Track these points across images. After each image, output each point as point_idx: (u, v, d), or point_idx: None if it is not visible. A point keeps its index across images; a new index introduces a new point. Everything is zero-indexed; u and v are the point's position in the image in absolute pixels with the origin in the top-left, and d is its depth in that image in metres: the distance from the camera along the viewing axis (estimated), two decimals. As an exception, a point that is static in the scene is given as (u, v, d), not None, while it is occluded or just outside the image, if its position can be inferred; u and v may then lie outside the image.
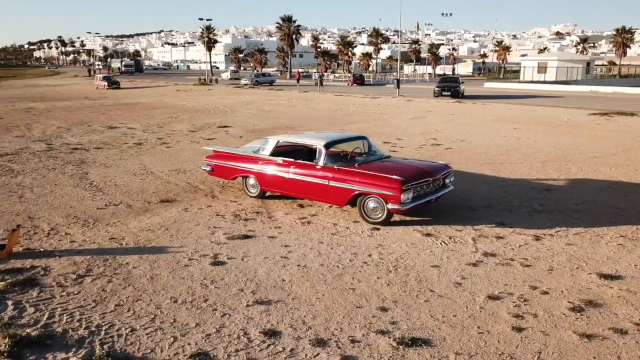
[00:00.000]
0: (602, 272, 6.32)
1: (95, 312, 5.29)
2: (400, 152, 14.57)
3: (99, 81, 46.99)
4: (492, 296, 5.69)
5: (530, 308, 5.42)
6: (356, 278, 6.18)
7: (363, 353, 4.57)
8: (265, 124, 21.19)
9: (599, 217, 8.59)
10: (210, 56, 76.32)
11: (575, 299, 5.61)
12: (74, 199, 9.78)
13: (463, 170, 12.32)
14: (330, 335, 4.86)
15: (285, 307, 5.44)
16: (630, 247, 7.21)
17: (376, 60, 78.30)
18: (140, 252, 7.01)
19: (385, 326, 5.04)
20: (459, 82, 35.65)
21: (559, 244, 7.36)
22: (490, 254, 6.95)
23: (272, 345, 4.69)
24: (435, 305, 5.48)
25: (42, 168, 12.59)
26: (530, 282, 6.06)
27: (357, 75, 56.77)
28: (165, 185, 10.85)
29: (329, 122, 21.62)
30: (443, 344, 4.72)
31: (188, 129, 19.88)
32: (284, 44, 66.76)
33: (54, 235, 7.72)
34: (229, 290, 5.83)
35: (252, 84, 50.53)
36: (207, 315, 5.26)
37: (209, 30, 73.48)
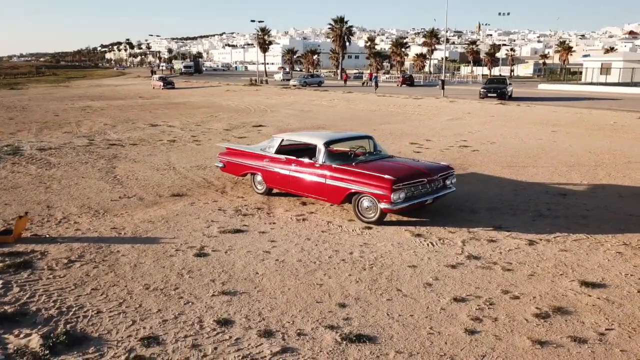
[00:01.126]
0: (585, 280, 6.06)
1: (72, 295, 5.66)
2: (424, 154, 14.39)
3: (155, 81, 49.07)
4: (457, 298, 5.60)
5: (492, 312, 5.30)
6: (328, 274, 6.25)
7: (305, 346, 4.65)
8: (300, 123, 21.46)
9: (607, 224, 8.18)
10: (265, 57, 77.79)
11: (545, 305, 5.42)
12: (94, 190, 10.38)
13: (480, 172, 12.03)
14: (280, 328, 4.97)
15: (248, 299, 5.59)
16: (629, 256, 6.85)
17: (430, 61, 77.01)
18: (134, 242, 7.38)
19: (337, 322, 5.09)
20: (506, 84, 34.51)
21: (551, 249, 7.10)
22: (474, 257, 6.81)
23: (220, 333, 4.86)
24: (395, 305, 5.46)
25: (76, 162, 13.39)
26: (504, 287, 5.90)
27: (407, 76, 56.15)
28: (182, 180, 11.29)
29: (363, 123, 21.59)
30: (388, 342, 4.72)
31: (224, 127, 20.47)
32: (335, 45, 67.07)
33: (64, 223, 8.25)
34: (201, 281, 6.06)
35: (301, 85, 51.12)
36: (171, 302, 5.50)
37: (263, 32, 74.94)
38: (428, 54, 73.54)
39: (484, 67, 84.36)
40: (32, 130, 19.58)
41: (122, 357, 4.46)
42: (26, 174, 11.86)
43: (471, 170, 12.26)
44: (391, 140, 16.84)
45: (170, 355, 4.49)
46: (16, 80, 68.95)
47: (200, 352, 4.54)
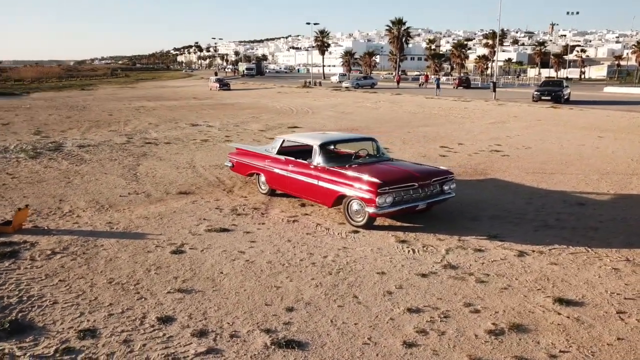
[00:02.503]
0: (562, 297, 5.60)
1: (39, 285, 5.89)
2: (449, 157, 13.91)
3: (212, 83, 50.58)
4: (412, 309, 5.33)
5: (443, 325, 5.00)
6: (291, 277, 6.14)
7: (232, 348, 4.59)
8: (335, 125, 21.36)
9: (617, 238, 7.54)
10: (323, 60, 78.23)
11: (504, 322, 5.05)
12: (109, 186, 10.80)
13: (501, 178, 11.45)
14: (217, 328, 4.93)
15: (200, 298, 5.60)
16: (626, 273, 6.26)
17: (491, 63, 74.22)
18: (121, 237, 7.60)
19: (276, 326, 4.98)
20: (562, 86, 32.65)
21: (540, 262, 6.62)
22: (451, 267, 6.47)
23: (157, 330, 4.89)
24: (344, 312, 5.28)
25: (106, 159, 14.02)
26: (469, 299, 5.56)
27: (463, 78, 54.55)
28: (195, 179, 11.52)
29: (399, 125, 21.18)
30: (317, 350, 4.57)
31: (260, 128, 20.73)
32: (393, 47, 66.36)
33: (67, 217, 8.64)
34: (164, 277, 6.14)
35: (353, 87, 50.92)
36: (125, 297, 5.60)
37: (322, 35, 75.39)
38: (490, 56, 70.98)
39: (550, 69, 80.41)
40: (82, 128, 20.70)
41: (54, 347, 4.58)
42: (56, 169, 12.54)
43: (492, 176, 11.69)
44: (422, 144, 16.40)
45: (99, 349, 4.56)
46: (90, 82, 73.23)
47: (128, 347, 4.59)
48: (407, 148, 15.62)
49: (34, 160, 13.61)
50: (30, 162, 13.35)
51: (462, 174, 11.87)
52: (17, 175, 11.77)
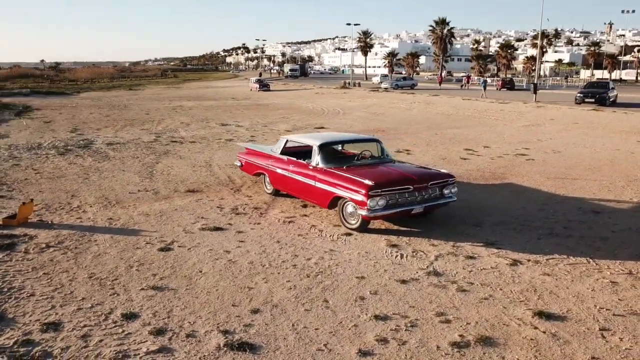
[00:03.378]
0: (545, 310, 5.26)
1: (23, 277, 6.07)
2: (471, 161, 13.48)
3: (252, 84, 51.18)
4: (380, 316, 5.15)
5: (407, 335, 4.79)
6: (267, 278, 6.07)
7: (184, 348, 4.56)
8: (362, 126, 21.14)
9: (626, 249, 7.06)
10: (366, 60, 77.81)
11: (472, 334, 4.80)
12: (122, 183, 11.06)
13: (518, 183, 10.97)
14: (176, 327, 4.92)
15: (171, 296, 5.61)
16: (623, 287, 5.84)
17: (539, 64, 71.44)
18: (117, 233, 7.74)
19: (235, 327, 4.92)
20: (608, 88, 30.99)
21: (533, 272, 6.27)
22: (436, 274, 6.22)
23: (117, 326, 4.92)
24: (309, 316, 5.16)
25: (128, 156, 14.39)
26: (443, 308, 5.32)
27: (507, 79, 52.80)
28: (207, 177, 11.64)
29: (427, 127, 20.73)
30: (268, 354, 4.47)
31: (287, 128, 20.77)
32: (436, 47, 65.16)
33: (73, 211, 8.88)
34: (143, 274, 6.19)
35: (392, 88, 50.28)
36: (99, 292, 5.68)
37: (365, 35, 75.00)
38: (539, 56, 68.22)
39: (604, 71, 76.81)
40: (117, 127, 21.36)
41: (14, 339, 4.69)
42: (79, 166, 12.97)
43: (509, 181, 11.22)
44: (446, 146, 15.98)
45: (56, 343, 4.63)
46: (139, 82, 75.64)
47: (84, 342, 4.64)
48: (429, 150, 15.25)
49: (61, 157, 14.13)
50: (58, 159, 13.87)
51: (477, 178, 11.47)
52: (41, 171, 12.25)
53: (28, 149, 15.44)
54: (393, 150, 15.23)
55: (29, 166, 12.80)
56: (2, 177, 11.52)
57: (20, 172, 12.10)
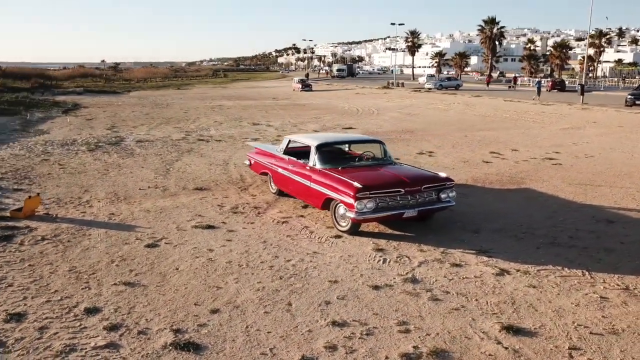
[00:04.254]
0: (515, 324, 4.95)
1: (9, 267, 6.28)
2: (493, 164, 12.98)
3: (295, 84, 51.53)
4: (339, 322, 4.99)
5: (359, 343, 4.62)
6: (239, 279, 6.03)
7: (131, 345, 4.57)
8: (391, 126, 20.80)
9: (631, 262, 6.57)
10: (413, 60, 76.82)
11: (428, 346, 4.56)
12: (136, 179, 11.33)
13: (535, 188, 10.46)
14: (132, 324, 4.95)
15: (140, 292, 5.66)
16: (613, 304, 5.42)
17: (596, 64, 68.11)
18: (113, 228, 7.91)
19: (189, 327, 4.90)
20: (662, 89, 29.13)
21: (518, 283, 5.92)
22: (413, 280, 5.99)
23: (76, 320, 5.00)
24: (266, 319, 5.07)
25: (152, 154, 14.74)
26: (407, 317, 5.10)
27: (557, 80, 50.54)
28: (220, 176, 11.75)
29: (459, 128, 20.15)
30: (211, 356, 4.42)
31: (315, 128, 20.72)
32: (484, 47, 63.33)
33: (81, 206, 9.15)
34: (121, 269, 6.28)
35: (436, 88, 49.25)
36: (73, 286, 5.80)
37: (412, 35, 73.96)
38: (595, 56, 65.25)
39: (670, 71, 72.14)
40: (152, 125, 21.97)
41: (-23, 327, 4.86)
42: (102, 162, 13.40)
43: (526, 186, 10.71)
44: (472, 148, 15.46)
45: (14, 334, 4.75)
46: (189, 82, 77.74)
47: (39, 334, 4.73)
48: (453, 152, 14.79)
49: (90, 153, 14.66)
50: (86, 155, 14.40)
51: (493, 182, 11.01)
52: (65, 166, 12.74)
53: (62, 145, 16.12)
54: (415, 151, 14.93)
55: (57, 161, 13.35)
56: (29, 171, 12.06)
57: (46, 166, 12.63)
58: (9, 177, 11.31)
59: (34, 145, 15.95)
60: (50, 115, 25.37)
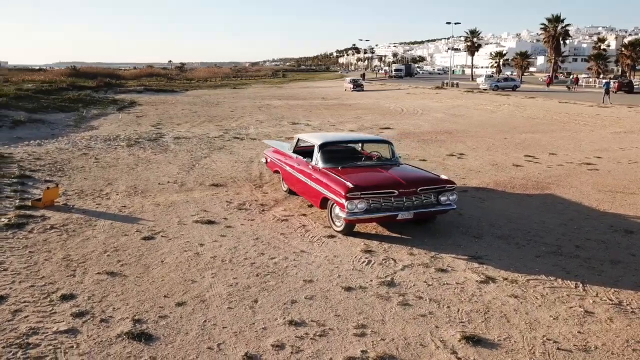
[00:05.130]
0: (479, 335, 4.72)
1: (10, 253, 6.66)
2: (524, 168, 12.41)
3: (347, 84, 51.42)
4: (296, 321, 4.95)
5: (308, 344, 4.55)
6: (216, 274, 6.10)
7: (90, 332, 4.73)
8: (430, 127, 20.33)
9: (634, 276, 6.10)
10: (472, 60, 74.79)
11: (377, 352, 4.44)
12: (159, 174, 11.71)
13: (559, 195, 9.91)
14: (98, 312, 5.12)
15: (118, 282, 5.84)
16: (598, 319, 5.05)
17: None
18: (119, 220, 8.22)
19: (150, 317, 5.01)
20: None
21: (500, 293, 5.63)
22: (390, 284, 5.83)
23: (50, 305, 5.23)
24: (228, 314, 5.09)
25: (184, 150, 15.18)
26: (368, 321, 4.98)
27: (625, 81, 47.45)
28: (240, 173, 11.94)
29: (500, 130, 19.39)
30: (159, 347, 4.50)
31: (353, 128, 20.60)
32: (547, 46, 60.50)
33: (99, 198, 9.57)
34: (110, 260, 6.52)
35: (491, 89, 47.59)
36: (61, 273, 6.08)
37: (472, 35, 71.97)
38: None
39: None
40: (195, 123, 22.62)
41: (-40, 307, 5.19)
42: (135, 157, 13.95)
43: (550, 192, 10.15)
44: (507, 151, 14.85)
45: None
46: (247, 82, 79.41)
47: (12, 316, 4.99)
48: (485, 155, 14.26)
49: (127, 148, 15.30)
50: (123, 150, 15.04)
51: (516, 187, 10.52)
52: (100, 160, 13.38)
53: (105, 140, 16.93)
54: (446, 153, 14.53)
55: (94, 156, 14.02)
56: (65, 164, 12.75)
57: (82, 160, 13.31)
58: (44, 169, 12.01)
59: (80, 140, 16.84)
60: (105, 112, 26.68)
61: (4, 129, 18.32)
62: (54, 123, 20.59)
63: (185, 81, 76.36)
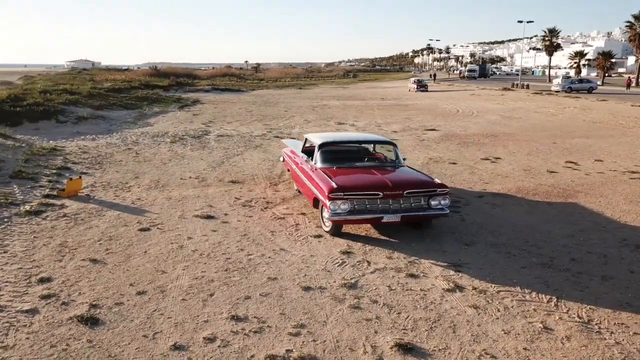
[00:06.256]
0: (413, 343, 4.58)
1: (17, 237, 7.23)
2: (559, 175, 11.71)
3: (411, 84, 50.66)
4: (239, 317, 5.03)
5: (239, 339, 4.62)
6: (188, 266, 6.30)
7: (46, 313, 5.06)
8: (478, 130, 19.58)
9: (621, 294, 5.65)
10: (550, 60, 71.06)
11: (303, 352, 4.43)
12: (186, 170, 12.19)
13: (583, 204, 9.27)
14: (64, 295, 5.46)
15: (96, 269, 6.18)
16: (552, 337, 4.72)
17: None
18: (127, 211, 8.67)
19: (107, 303, 5.28)
20: None
21: (462, 302, 5.40)
22: (351, 286, 5.76)
23: (25, 287, 5.64)
24: (178, 306, 5.26)
25: (221, 147, 15.66)
26: (309, 321, 4.96)
27: None
28: (262, 171, 12.17)
29: (553, 135, 18.30)
30: (101, 331, 4.74)
31: (396, 129, 20.31)
32: (633, 45, 56.12)
33: (120, 190, 10.14)
34: (100, 247, 6.90)
35: (564, 91, 44.89)
36: (51, 258, 6.52)
37: (551, 34, 68.38)
38: None
39: None
40: (245, 121, 23.23)
41: (-50, 283, 5.74)
42: (172, 152, 14.60)
43: (576, 200, 9.51)
44: (547, 157, 14.05)
45: (-29, 291, 5.55)
46: (315, 82, 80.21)
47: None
48: (522, 159, 13.57)
49: (169, 145, 16.03)
50: (164, 146, 15.78)
51: (539, 194, 9.96)
52: (139, 155, 14.13)
53: (152, 136, 17.83)
54: (481, 157, 14.02)
55: (136, 151, 14.83)
56: (106, 157, 13.59)
57: (123, 155, 14.12)
58: (85, 162, 12.88)
59: (131, 135, 17.85)
60: (166, 110, 28.03)
61: (68, 124, 19.80)
62: (113, 120, 21.95)
63: (256, 81, 78.38)
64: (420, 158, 13.80)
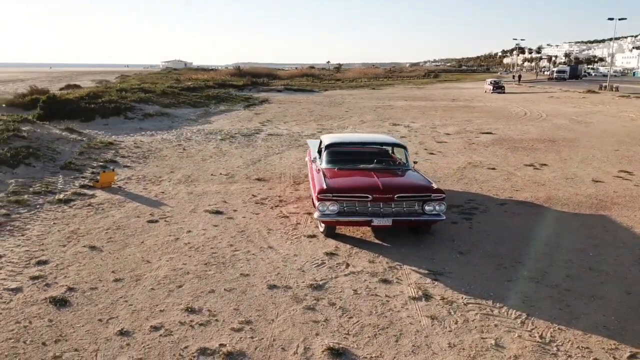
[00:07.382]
0: (345, 347, 4.55)
1: (40, 221, 7.91)
2: (604, 185, 10.87)
3: (487, 85, 48.67)
4: (193, 309, 5.21)
5: (181, 330, 4.79)
6: (172, 258, 6.58)
7: (28, 291, 5.53)
8: (538, 134, 18.47)
9: (604, 316, 5.18)
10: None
11: (234, 348, 4.52)
12: (220, 166, 12.63)
13: (614, 217, 8.58)
14: (50, 277, 5.91)
15: (91, 255, 6.63)
16: (499, 355, 4.44)
17: None
18: (147, 203, 9.18)
19: (83, 287, 5.66)
20: None
21: (421, 311, 5.24)
22: (317, 287, 5.76)
23: (23, 267, 6.17)
24: (145, 294, 5.54)
25: (265, 146, 16.02)
26: (257, 318, 5.05)
27: None
28: (290, 170, 12.34)
29: (622, 142, 16.85)
30: (65, 313, 5.10)
31: (450, 132, 19.68)
32: None
33: (151, 183, 10.74)
34: (103, 236, 7.37)
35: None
36: (58, 242, 7.07)
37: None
38: None
39: None
40: (302, 121, 23.55)
41: (-37, 260, 6.42)
42: (218, 150, 15.16)
43: (607, 213, 8.78)
44: (601, 165, 13.04)
45: (-23, 268, 6.17)
46: (392, 82, 79.42)
47: (-12, 272, 6.05)
48: (572, 167, 12.68)
49: (219, 142, 16.67)
50: (213, 143, 16.43)
51: (569, 204, 9.30)
52: (186, 150, 14.84)
53: (206, 134, 18.60)
54: (524, 163, 13.32)
55: (184, 147, 15.58)
56: (153, 152, 14.41)
57: (170, 150, 14.89)
58: (132, 156, 13.74)
59: (187, 132, 18.76)
60: (231, 108, 29.07)
61: (135, 120, 21.15)
62: (177, 117, 23.13)
63: (332, 81, 79.01)
64: (459, 162, 13.32)
